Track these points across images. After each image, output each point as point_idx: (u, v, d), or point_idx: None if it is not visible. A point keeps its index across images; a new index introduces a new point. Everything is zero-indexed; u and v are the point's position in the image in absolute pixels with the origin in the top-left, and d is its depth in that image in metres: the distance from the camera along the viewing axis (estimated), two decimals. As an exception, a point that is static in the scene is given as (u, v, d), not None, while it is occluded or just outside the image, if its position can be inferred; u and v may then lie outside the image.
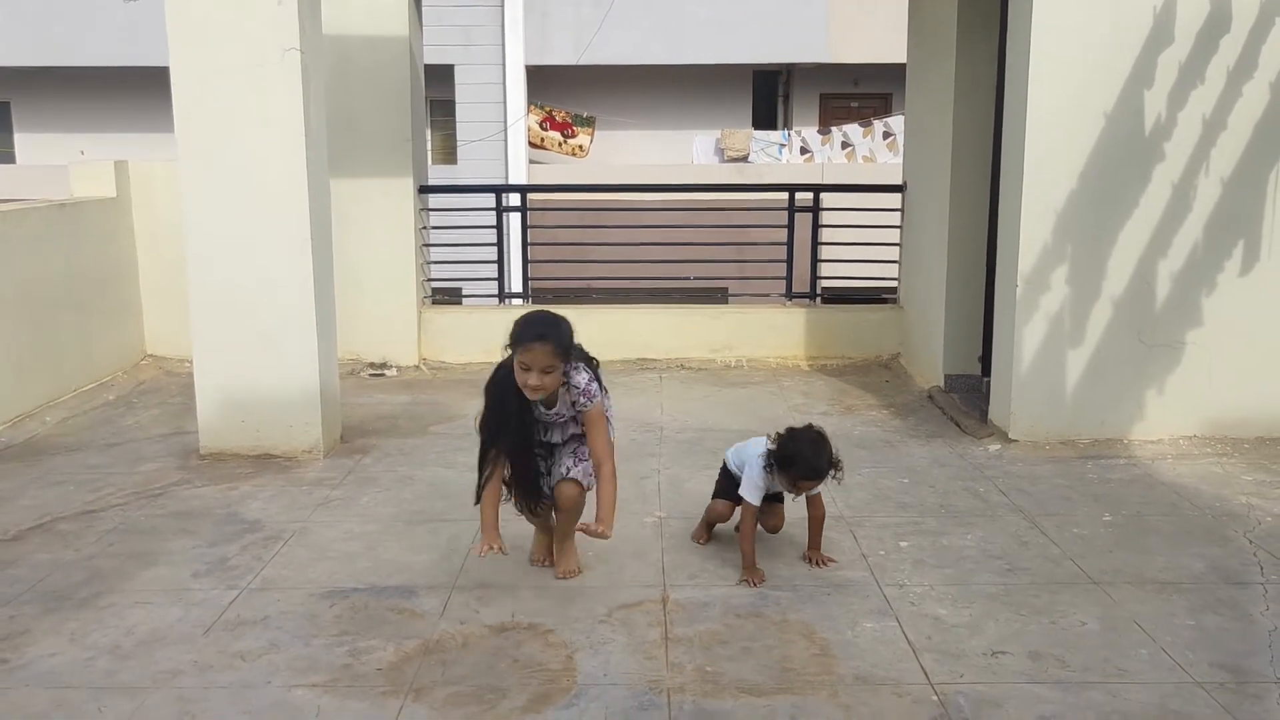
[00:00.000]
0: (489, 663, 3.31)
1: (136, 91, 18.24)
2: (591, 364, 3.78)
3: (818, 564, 4.02)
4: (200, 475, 5.17)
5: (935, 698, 3.09)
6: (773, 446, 3.90)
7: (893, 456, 5.47)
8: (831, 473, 3.87)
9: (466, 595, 3.80)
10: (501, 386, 3.66)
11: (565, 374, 3.63)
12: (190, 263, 5.31)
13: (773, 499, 4.12)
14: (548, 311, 3.70)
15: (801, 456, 3.82)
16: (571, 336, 3.63)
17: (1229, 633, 3.49)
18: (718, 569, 4.03)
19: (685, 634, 3.50)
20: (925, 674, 3.23)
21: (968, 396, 6.35)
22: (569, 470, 3.83)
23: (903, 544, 4.26)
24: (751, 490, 3.93)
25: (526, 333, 3.54)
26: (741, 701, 3.08)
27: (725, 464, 4.25)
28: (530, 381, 3.51)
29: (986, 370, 6.14)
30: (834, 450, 3.88)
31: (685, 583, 3.91)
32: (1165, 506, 4.68)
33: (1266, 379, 5.46)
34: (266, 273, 5.27)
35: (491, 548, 3.64)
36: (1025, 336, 5.46)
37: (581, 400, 3.69)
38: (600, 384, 3.73)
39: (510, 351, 3.60)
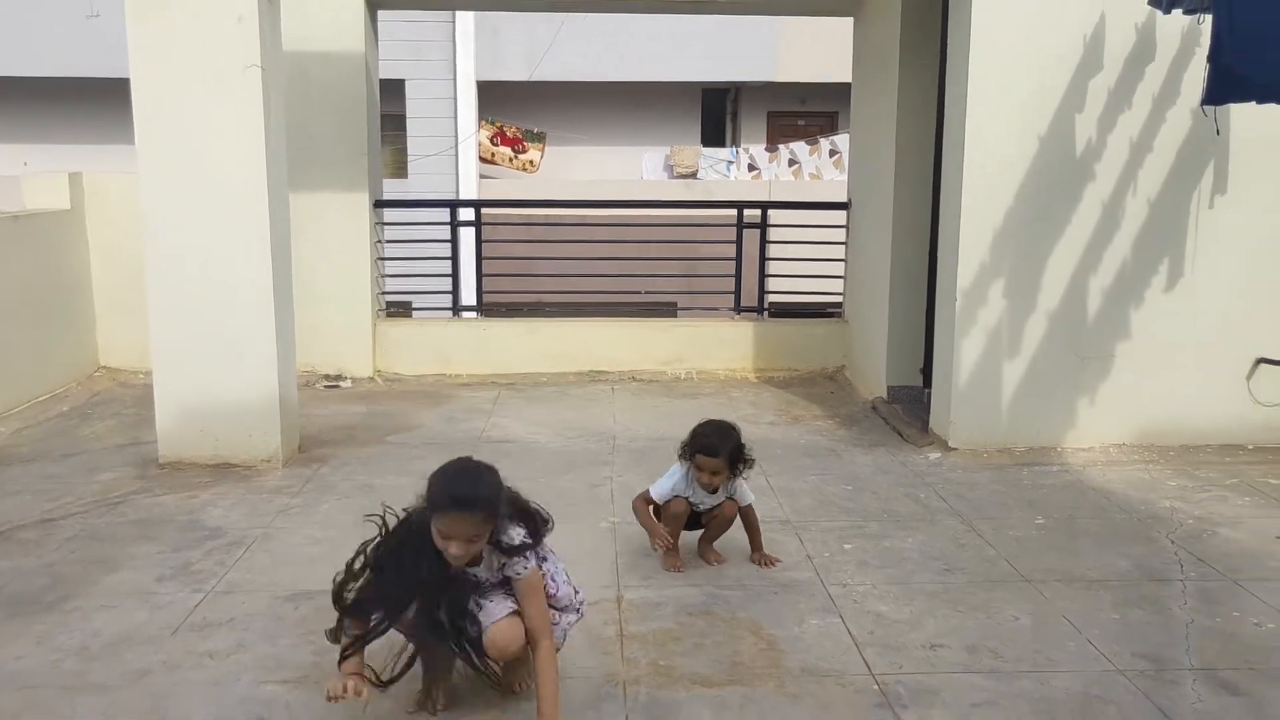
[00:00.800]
0: (453, 659, 3.43)
1: (82, 102, 18.08)
2: (534, 518, 3.08)
3: (764, 564, 4.20)
4: (159, 484, 5.23)
5: (876, 687, 3.27)
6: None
7: (837, 464, 5.66)
8: (740, 466, 4.09)
9: (428, 597, 3.91)
10: (406, 553, 2.95)
11: (494, 533, 2.95)
12: (150, 273, 5.38)
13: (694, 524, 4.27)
14: (471, 464, 3.01)
15: (701, 434, 4.08)
16: (501, 492, 2.96)
17: (1150, 626, 3.71)
18: (672, 574, 4.18)
19: (640, 631, 3.65)
20: (867, 666, 3.41)
21: (910, 407, 6.58)
22: (499, 612, 3.01)
23: (846, 546, 4.45)
24: (659, 488, 4.21)
25: (445, 497, 2.86)
26: (694, 693, 3.23)
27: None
28: (452, 550, 2.87)
29: (928, 382, 6.38)
30: (745, 446, 4.11)
31: (639, 584, 4.06)
32: (1094, 510, 4.92)
33: (1190, 389, 5.75)
34: (227, 284, 5.35)
35: (347, 691, 2.85)
36: (964, 349, 5.70)
37: (512, 569, 2.99)
38: (538, 546, 3.06)
39: (420, 509, 2.96)
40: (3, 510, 4.83)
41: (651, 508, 4.24)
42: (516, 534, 2.98)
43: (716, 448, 4.04)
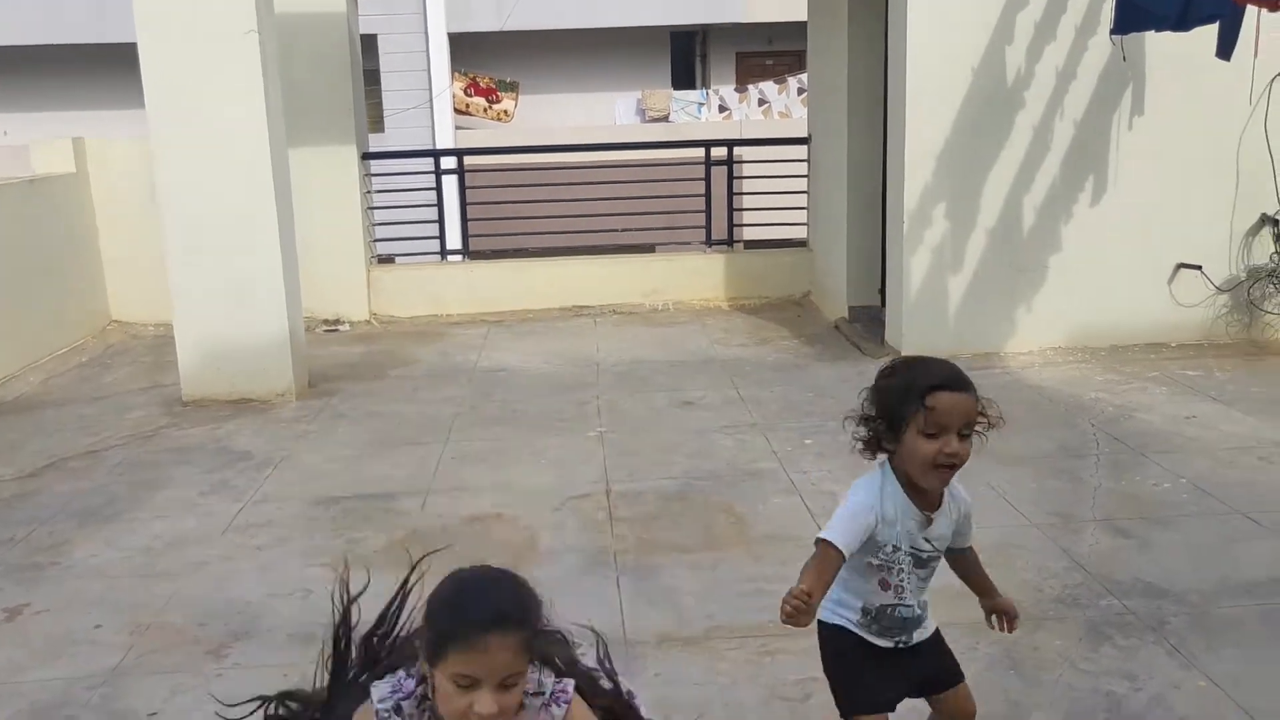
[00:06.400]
0: (467, 541, 4.01)
1: (55, 69, 18.28)
2: (563, 642, 1.89)
3: (1006, 624, 2.39)
4: (186, 419, 5.76)
5: (828, 546, 3.86)
6: (870, 409, 2.20)
7: (801, 376, 6.24)
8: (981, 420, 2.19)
9: (441, 497, 4.49)
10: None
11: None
12: (166, 232, 5.86)
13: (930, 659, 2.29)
14: (492, 572, 1.80)
15: (916, 370, 2.20)
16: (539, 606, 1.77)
17: (1063, 491, 4.32)
18: (651, 468, 4.75)
19: (626, 515, 4.23)
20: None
21: (868, 325, 7.15)
22: None
23: (807, 442, 5.03)
24: (838, 522, 2.14)
25: (468, 622, 1.67)
26: (673, 557, 3.82)
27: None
28: (482, 709, 1.65)
29: (885, 301, 6.94)
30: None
31: (625, 479, 4.64)
32: (1029, 404, 5.51)
33: (1116, 294, 6.32)
34: (236, 235, 5.85)
35: None
36: (912, 267, 6.26)
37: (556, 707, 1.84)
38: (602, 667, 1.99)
39: (408, 671, 1.82)
40: (49, 445, 5.36)
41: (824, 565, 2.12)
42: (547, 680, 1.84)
43: (965, 376, 2.18)
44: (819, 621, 2.21)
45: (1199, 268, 6.29)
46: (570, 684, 1.89)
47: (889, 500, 2.16)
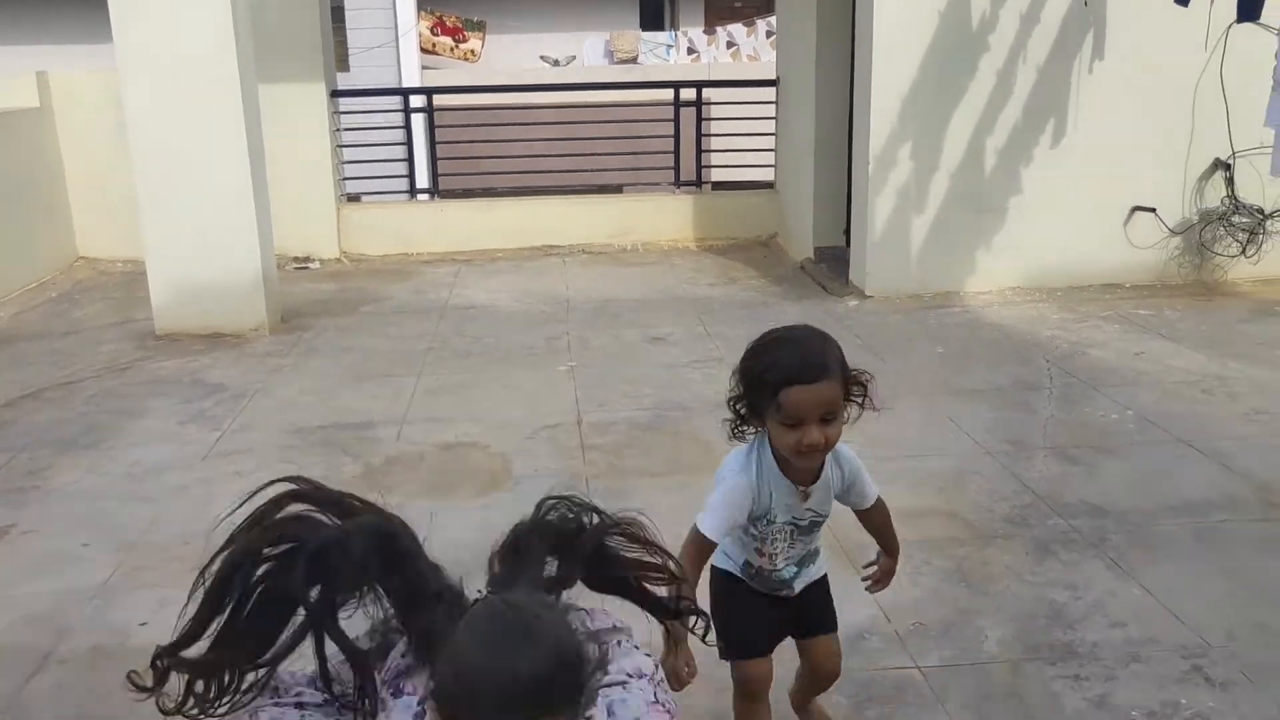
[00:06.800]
0: (441, 468, 4.14)
1: (17, 2, 17.88)
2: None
3: (876, 581, 2.42)
4: (160, 352, 5.82)
5: (791, 472, 4.03)
6: (737, 389, 2.13)
7: (768, 314, 6.37)
8: (856, 390, 2.09)
9: (415, 426, 4.60)
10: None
11: None
12: (136, 166, 5.87)
13: (803, 613, 2.32)
14: (522, 617, 1.34)
15: (776, 349, 2.06)
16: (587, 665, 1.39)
17: (1017, 421, 4.50)
18: (621, 400, 4.89)
19: (598, 443, 4.37)
20: (784, 458, 4.16)
21: (834, 265, 7.28)
22: None
23: (772, 375, 5.17)
24: (711, 511, 2.11)
25: (491, 689, 1.28)
26: (643, 481, 3.97)
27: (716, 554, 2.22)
28: None
29: (850, 242, 7.07)
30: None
31: (595, 410, 4.77)
32: (987, 342, 5.69)
33: (1074, 236, 6.49)
34: (207, 171, 5.86)
35: None
36: (877, 207, 6.39)
37: None
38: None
39: None
40: (25, 377, 5.41)
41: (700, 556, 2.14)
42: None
43: (818, 360, 2.01)
44: (710, 564, 2.22)
45: (1153, 210, 6.47)
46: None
47: (763, 478, 2.10)
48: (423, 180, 9.08)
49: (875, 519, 2.34)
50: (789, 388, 1.97)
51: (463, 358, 5.62)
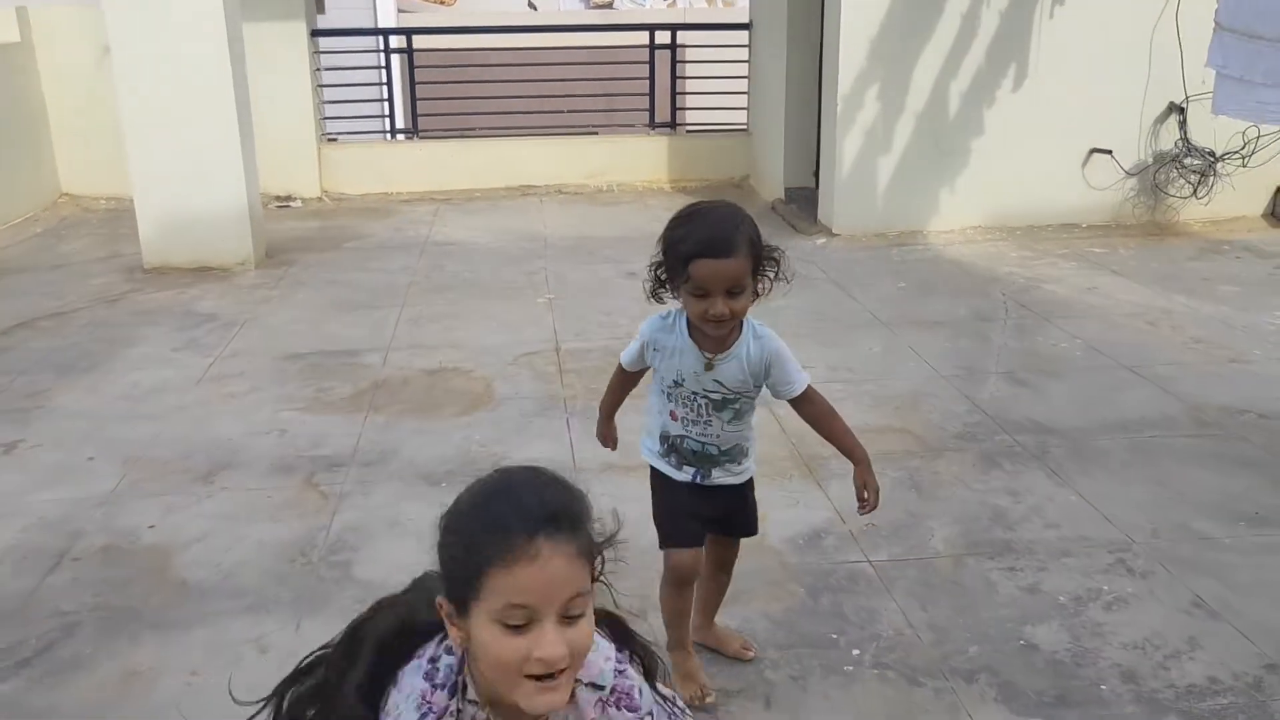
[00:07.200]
0: (426, 390, 4.36)
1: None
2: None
3: (863, 502, 2.32)
4: (149, 285, 5.98)
5: (758, 394, 4.27)
6: (658, 256, 2.27)
7: (739, 251, 6.59)
8: (766, 263, 2.23)
9: (401, 353, 4.81)
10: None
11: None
12: (122, 104, 5.98)
13: (714, 501, 2.44)
14: (520, 469, 1.43)
15: (688, 224, 2.20)
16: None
17: (972, 349, 4.76)
18: (597, 330, 5.11)
19: (575, 368, 4.60)
20: (752, 381, 4.40)
21: (804, 205, 7.50)
22: None
23: (742, 307, 5.41)
24: (627, 348, 2.46)
25: (507, 527, 1.32)
26: (618, 402, 4.20)
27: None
28: (547, 652, 1.31)
29: (819, 183, 7.28)
30: (759, 232, 2.23)
31: (573, 339, 4.99)
32: (947, 277, 5.94)
33: (1033, 177, 6.73)
34: (194, 107, 5.99)
35: None
36: (845, 148, 6.59)
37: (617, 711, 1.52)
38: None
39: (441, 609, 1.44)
40: (18, 307, 5.56)
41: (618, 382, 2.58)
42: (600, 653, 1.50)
43: (726, 236, 2.15)
44: (647, 464, 2.47)
45: (1110, 152, 6.71)
46: (635, 684, 1.50)
47: (670, 334, 2.30)
48: (401, 121, 9.18)
49: (811, 411, 2.37)
50: (697, 260, 2.13)
51: (444, 291, 5.82)
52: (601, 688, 1.48)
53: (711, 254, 2.12)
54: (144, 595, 2.91)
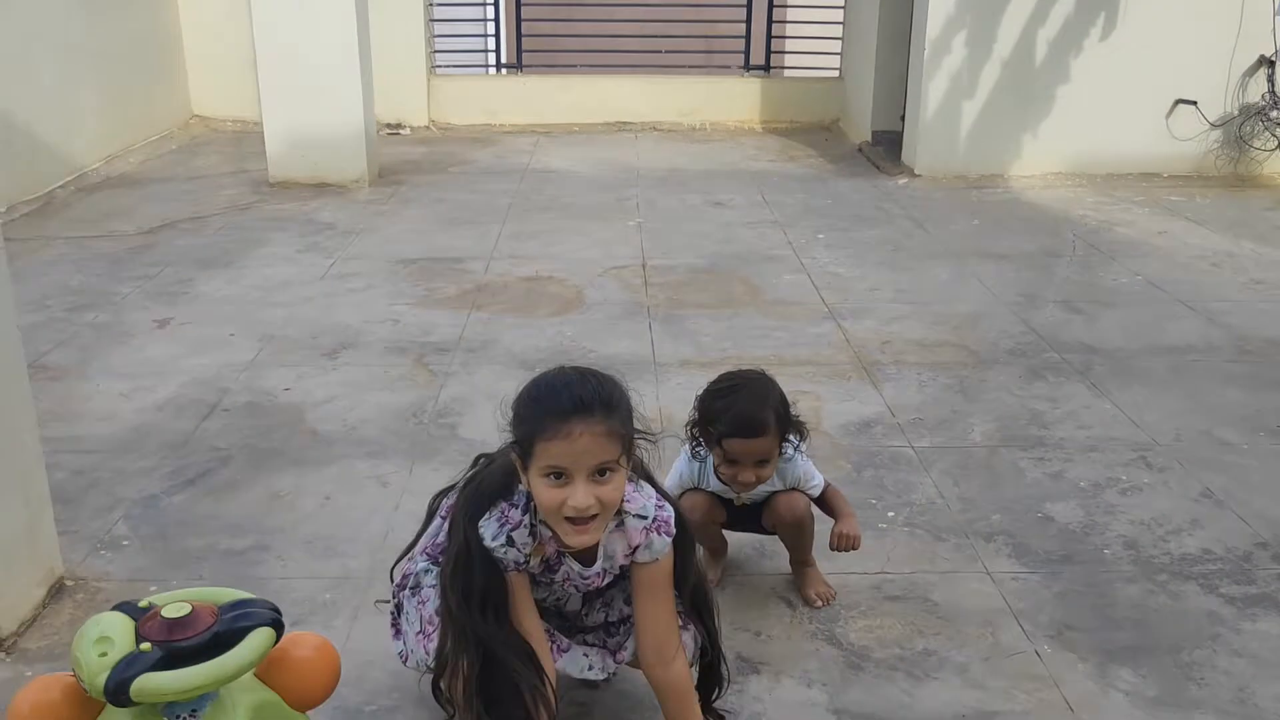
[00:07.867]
0: (524, 294, 4.81)
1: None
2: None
3: (841, 544, 2.53)
4: (274, 197, 6.53)
5: (826, 309, 4.63)
6: (695, 416, 2.49)
7: (822, 188, 6.90)
8: (791, 436, 2.46)
9: (501, 262, 5.27)
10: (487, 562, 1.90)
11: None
12: (256, 29, 6.50)
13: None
14: (572, 368, 1.89)
15: (721, 399, 2.42)
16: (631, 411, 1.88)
17: (1035, 279, 5.04)
18: (682, 250, 5.49)
19: (660, 281, 5.00)
20: (822, 299, 4.76)
21: (890, 148, 7.75)
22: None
23: (819, 236, 5.75)
24: (667, 482, 2.52)
25: (550, 409, 1.79)
26: (697, 311, 4.60)
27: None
28: (576, 502, 1.78)
29: (904, 126, 7.51)
30: (790, 404, 2.47)
31: (658, 257, 5.39)
32: (1022, 217, 6.18)
33: (1116, 126, 6.88)
34: (319, 36, 6.48)
35: None
36: (930, 92, 6.83)
37: (646, 547, 1.95)
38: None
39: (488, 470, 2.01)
40: (160, 211, 6.15)
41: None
42: (645, 497, 1.96)
43: (756, 419, 2.37)
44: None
45: (1195, 104, 6.83)
46: (672, 516, 1.96)
47: (704, 476, 2.54)
48: (505, 56, 9.61)
49: (827, 499, 2.61)
50: (730, 439, 2.39)
51: (542, 211, 6.25)
52: (644, 517, 1.94)
53: (743, 434, 2.38)
54: (284, 439, 3.42)
